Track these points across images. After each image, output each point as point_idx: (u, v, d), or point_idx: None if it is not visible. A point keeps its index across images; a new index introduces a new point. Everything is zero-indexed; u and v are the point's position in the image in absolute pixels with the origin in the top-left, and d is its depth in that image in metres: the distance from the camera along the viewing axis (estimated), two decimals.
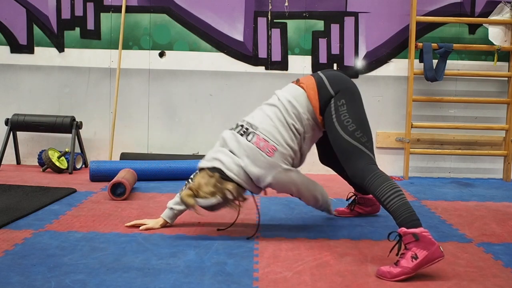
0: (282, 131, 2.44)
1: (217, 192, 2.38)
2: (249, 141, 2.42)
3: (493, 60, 4.30)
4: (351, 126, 2.38)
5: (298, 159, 2.55)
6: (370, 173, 2.27)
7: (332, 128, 2.41)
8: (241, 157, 2.42)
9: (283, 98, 2.50)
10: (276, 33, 4.43)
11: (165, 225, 2.67)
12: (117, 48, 4.44)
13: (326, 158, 2.86)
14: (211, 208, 2.42)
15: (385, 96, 4.45)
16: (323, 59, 4.43)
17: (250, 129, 2.46)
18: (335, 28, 4.42)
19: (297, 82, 2.55)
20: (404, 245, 2.07)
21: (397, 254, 2.09)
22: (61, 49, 4.49)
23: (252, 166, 2.40)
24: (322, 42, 4.43)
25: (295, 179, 2.51)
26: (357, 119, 2.41)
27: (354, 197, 3.02)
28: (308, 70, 4.42)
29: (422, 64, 4.26)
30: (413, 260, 2.02)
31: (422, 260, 2.02)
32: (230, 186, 2.40)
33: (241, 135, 2.45)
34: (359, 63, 4.43)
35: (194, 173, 2.63)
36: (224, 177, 2.41)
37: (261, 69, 4.46)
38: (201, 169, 2.48)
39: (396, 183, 2.23)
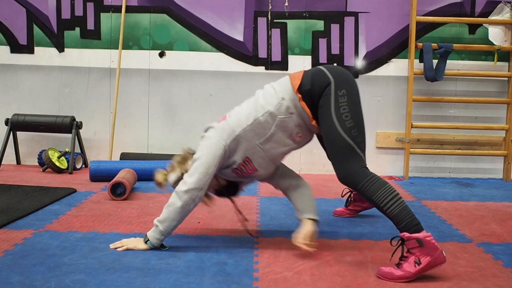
0: (247, 110, 2.34)
1: (178, 167, 2.39)
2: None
3: (493, 60, 4.30)
4: (349, 122, 2.19)
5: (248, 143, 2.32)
6: (365, 178, 2.15)
7: (328, 120, 2.21)
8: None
9: (266, 86, 2.41)
10: (276, 33, 4.43)
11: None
12: (117, 48, 4.44)
13: None
14: (174, 184, 2.40)
15: (385, 96, 4.45)
16: (323, 59, 4.43)
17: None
18: (335, 28, 4.42)
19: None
20: (408, 249, 2.06)
21: (400, 258, 2.08)
22: (61, 49, 4.49)
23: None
24: (322, 42, 4.43)
25: (205, 160, 2.28)
26: (356, 115, 2.22)
27: (349, 193, 3.01)
28: None
29: (422, 64, 4.26)
30: (416, 265, 2.02)
31: (425, 266, 2.02)
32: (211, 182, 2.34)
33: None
34: (359, 63, 4.43)
35: None
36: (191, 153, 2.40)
37: (261, 69, 4.46)
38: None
39: (392, 186, 2.16)
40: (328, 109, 2.22)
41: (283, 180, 2.53)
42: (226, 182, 2.47)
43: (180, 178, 2.36)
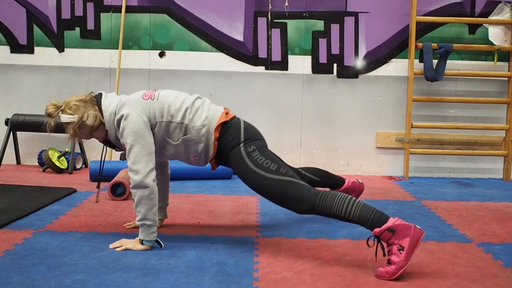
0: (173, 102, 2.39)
1: (78, 110, 2.37)
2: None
3: (493, 60, 4.30)
4: (270, 164, 2.28)
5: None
6: (316, 198, 2.17)
7: (252, 174, 2.29)
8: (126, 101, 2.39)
9: (194, 97, 2.46)
10: (276, 33, 4.43)
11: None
12: (117, 48, 4.44)
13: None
14: (63, 126, 2.40)
15: (385, 96, 4.45)
16: (323, 59, 4.43)
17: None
18: (335, 28, 4.42)
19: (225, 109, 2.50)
20: (386, 242, 2.07)
21: (384, 255, 2.08)
22: (61, 49, 4.49)
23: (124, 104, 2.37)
24: (322, 42, 4.43)
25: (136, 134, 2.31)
26: (270, 157, 2.33)
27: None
28: (308, 70, 4.42)
29: (422, 64, 4.26)
30: (401, 252, 2.02)
31: (408, 248, 2.02)
32: (92, 111, 2.37)
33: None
34: (359, 63, 4.43)
35: None
36: (97, 102, 2.40)
37: (261, 69, 4.46)
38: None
39: (343, 193, 2.17)
40: (245, 165, 2.31)
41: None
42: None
43: (76, 125, 2.36)
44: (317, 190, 2.22)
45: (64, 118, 2.39)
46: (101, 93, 2.47)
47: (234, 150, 2.36)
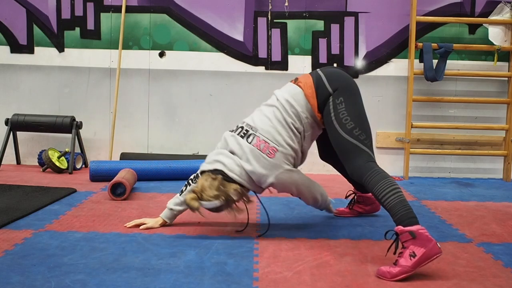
0: (281, 131, 2.45)
1: (221, 195, 2.39)
2: (249, 143, 2.43)
3: (493, 60, 4.30)
4: (350, 124, 2.37)
5: (299, 158, 2.57)
6: (369, 171, 2.28)
7: (331, 127, 2.41)
8: (243, 159, 2.43)
9: (281, 98, 2.51)
10: (276, 33, 4.43)
11: (164, 224, 2.67)
12: (117, 48, 4.44)
13: (326, 154, 2.86)
14: (215, 210, 2.43)
15: (385, 96, 4.45)
16: (323, 59, 4.43)
17: (250, 131, 2.46)
18: (335, 28, 4.42)
19: (295, 81, 2.56)
20: (402, 243, 2.07)
21: (394, 253, 2.09)
22: (61, 49, 4.49)
23: (254, 167, 2.41)
24: (322, 42, 4.43)
25: (297, 179, 2.52)
26: (356, 116, 2.40)
27: (353, 195, 3.01)
28: (308, 70, 4.42)
29: (422, 64, 4.26)
30: (412, 258, 2.02)
31: (420, 258, 2.02)
32: (233, 187, 2.41)
33: (241, 137, 2.46)
34: (359, 63, 4.43)
35: (195, 175, 2.63)
36: (226, 178, 2.41)
37: (261, 69, 4.46)
38: (203, 172, 2.48)
39: (394, 180, 2.24)
40: (329, 117, 2.43)
41: None
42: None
43: (222, 205, 2.40)
44: (372, 165, 2.32)
45: (210, 205, 2.42)
46: (221, 171, 2.43)
47: (325, 105, 2.46)
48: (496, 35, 4.35)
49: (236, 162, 2.43)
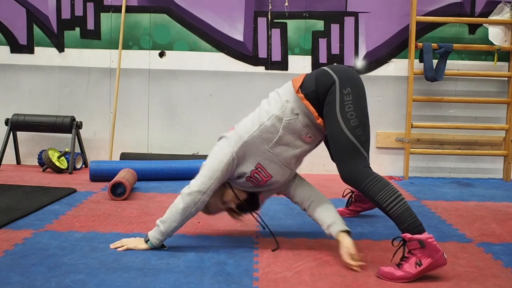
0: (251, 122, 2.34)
1: (222, 206, 2.44)
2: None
3: (493, 60, 4.30)
4: (354, 121, 2.18)
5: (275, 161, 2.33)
6: (368, 177, 2.14)
7: (333, 118, 2.20)
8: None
9: (271, 92, 2.42)
10: (276, 33, 4.43)
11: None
12: (117, 48, 4.44)
13: None
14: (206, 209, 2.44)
15: (385, 96, 4.45)
16: (323, 59, 4.43)
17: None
18: (335, 28, 4.42)
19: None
20: (409, 250, 2.06)
21: (401, 259, 2.08)
22: (61, 49, 4.49)
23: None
24: (322, 42, 4.43)
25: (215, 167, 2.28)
26: (361, 114, 2.21)
27: (350, 194, 3.01)
28: (308, 70, 4.42)
29: (422, 64, 4.26)
30: (417, 266, 2.02)
31: (425, 268, 2.02)
32: (229, 196, 2.39)
33: None
34: (359, 63, 4.43)
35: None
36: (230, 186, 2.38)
37: (261, 69, 4.46)
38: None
39: (395, 187, 2.15)
40: (333, 107, 2.21)
41: (300, 190, 2.46)
42: (246, 196, 2.44)
43: (215, 205, 2.41)
44: (371, 171, 2.17)
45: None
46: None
47: (331, 90, 2.23)
48: (496, 35, 4.35)
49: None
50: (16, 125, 4.31)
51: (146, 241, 2.31)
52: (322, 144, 2.51)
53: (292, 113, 2.27)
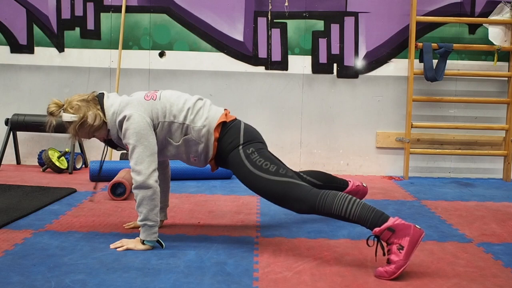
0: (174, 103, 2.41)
1: (82, 109, 2.38)
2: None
3: (493, 60, 4.30)
4: (272, 167, 2.29)
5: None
6: (316, 198, 2.18)
7: (250, 176, 2.30)
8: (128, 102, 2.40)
9: (196, 97, 2.46)
10: (276, 33, 4.43)
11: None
12: (117, 48, 4.44)
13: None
14: (66, 126, 2.40)
15: (385, 96, 4.45)
16: (323, 59, 4.43)
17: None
18: (335, 28, 4.42)
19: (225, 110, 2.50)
20: (386, 242, 2.07)
21: (384, 254, 2.09)
22: (61, 49, 4.49)
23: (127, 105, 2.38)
24: (322, 42, 4.43)
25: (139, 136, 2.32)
26: (268, 158, 2.34)
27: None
28: (308, 70, 4.42)
29: (422, 64, 4.26)
30: (401, 251, 2.03)
31: (408, 247, 2.02)
32: (94, 111, 2.38)
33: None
34: (359, 63, 4.43)
35: None
36: (99, 102, 2.41)
37: (261, 69, 4.46)
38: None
39: (344, 193, 2.18)
40: (243, 166, 2.33)
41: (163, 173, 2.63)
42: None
43: (77, 124, 2.36)
44: (317, 190, 2.23)
45: (66, 117, 2.39)
46: (103, 93, 2.47)
47: (233, 152, 2.37)
48: (496, 35, 4.35)
49: (122, 100, 2.42)
50: (16, 125, 4.31)
51: (143, 243, 2.32)
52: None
53: (199, 137, 2.39)
